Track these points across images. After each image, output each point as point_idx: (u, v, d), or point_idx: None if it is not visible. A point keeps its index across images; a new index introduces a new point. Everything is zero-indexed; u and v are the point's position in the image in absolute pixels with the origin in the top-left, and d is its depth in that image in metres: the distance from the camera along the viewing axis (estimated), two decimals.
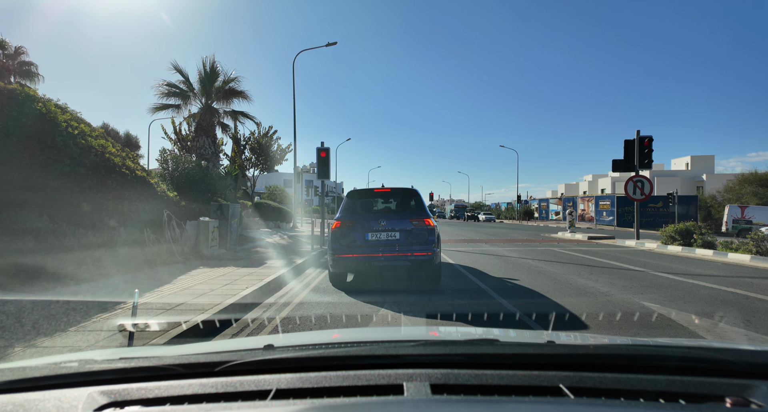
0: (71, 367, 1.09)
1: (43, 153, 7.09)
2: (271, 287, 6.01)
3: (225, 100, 17.89)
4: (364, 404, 0.90)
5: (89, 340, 3.32)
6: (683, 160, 48.75)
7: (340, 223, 6.07)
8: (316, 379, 1.01)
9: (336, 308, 4.79)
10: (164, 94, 17.23)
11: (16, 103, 7.16)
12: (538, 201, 55.07)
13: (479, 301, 5.13)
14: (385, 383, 0.99)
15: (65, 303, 4.39)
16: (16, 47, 26.98)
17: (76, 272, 5.90)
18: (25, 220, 6.38)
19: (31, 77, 26.85)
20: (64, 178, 7.19)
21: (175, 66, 17.13)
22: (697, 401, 0.93)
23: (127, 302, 4.54)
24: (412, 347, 1.18)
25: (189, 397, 0.97)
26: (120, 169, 8.45)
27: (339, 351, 1.16)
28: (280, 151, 22.57)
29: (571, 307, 4.75)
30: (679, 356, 1.16)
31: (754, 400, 0.91)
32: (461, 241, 15.97)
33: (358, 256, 5.87)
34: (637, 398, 0.94)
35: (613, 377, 1.00)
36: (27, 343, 3.20)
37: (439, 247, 6.11)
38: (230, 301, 4.72)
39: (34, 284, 5.19)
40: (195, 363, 1.11)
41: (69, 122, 7.80)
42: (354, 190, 6.84)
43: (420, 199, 6.49)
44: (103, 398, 0.96)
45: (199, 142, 16.87)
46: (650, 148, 10.58)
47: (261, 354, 1.13)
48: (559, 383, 0.98)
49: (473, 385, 0.98)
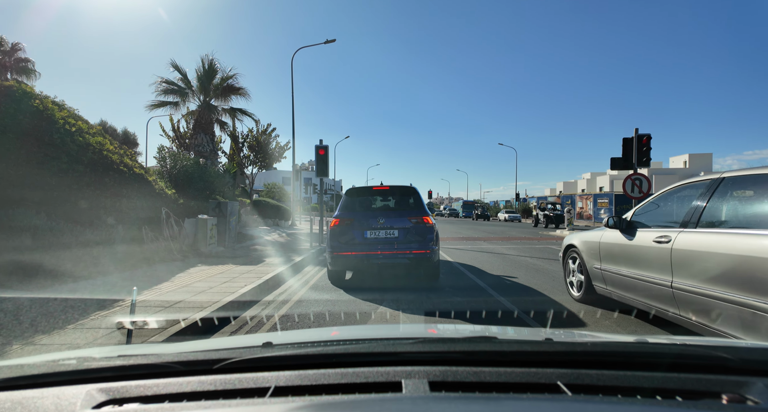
0: (69, 364, 1.09)
1: (40, 150, 7.07)
2: (270, 284, 6.01)
3: (223, 98, 17.84)
4: (363, 401, 0.91)
5: (87, 337, 3.32)
6: (681, 158, 48.86)
7: (339, 221, 6.07)
8: (315, 376, 1.01)
9: (335, 306, 4.79)
10: (162, 92, 17.18)
11: (13, 100, 7.13)
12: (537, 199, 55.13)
13: (477, 298, 5.14)
14: (384, 380, 0.99)
15: (63, 301, 4.38)
16: (13, 44, 26.84)
17: (74, 270, 5.89)
18: (23, 217, 6.36)
19: (28, 74, 26.73)
20: (62, 176, 7.17)
21: (173, 63, 17.08)
22: (693, 398, 0.94)
23: (125, 300, 4.54)
24: (410, 345, 1.18)
25: (188, 394, 0.97)
26: (118, 166, 8.43)
27: (337, 348, 1.16)
28: (279, 148, 22.55)
29: (569, 305, 4.77)
30: (675, 353, 1.16)
31: (750, 396, 0.92)
32: (460, 239, 15.99)
33: (356, 254, 5.87)
34: (635, 395, 0.95)
35: (610, 374, 1.01)
36: (25, 340, 3.19)
37: (437, 245, 6.12)
38: (229, 298, 4.72)
39: (31, 282, 5.18)
40: (193, 360, 1.12)
41: (66, 119, 7.77)
42: (353, 188, 6.84)
43: (419, 197, 6.50)
44: (102, 395, 0.96)
45: (197, 140, 16.82)
46: (648, 146, 10.58)
47: (259, 352, 1.13)
48: (557, 381, 0.98)
49: (471, 382, 0.98)
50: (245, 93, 18.10)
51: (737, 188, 3.18)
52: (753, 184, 3.04)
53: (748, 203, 3.07)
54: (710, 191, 3.31)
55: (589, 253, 4.79)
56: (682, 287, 3.22)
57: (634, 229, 4.05)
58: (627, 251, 4.06)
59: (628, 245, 4.03)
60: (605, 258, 4.45)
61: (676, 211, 3.75)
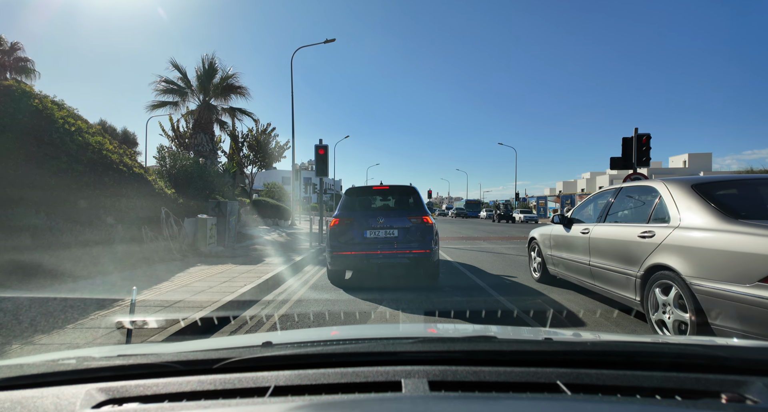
0: (69, 364, 1.09)
1: (39, 150, 7.06)
2: (270, 284, 6.01)
3: (223, 97, 17.82)
4: (363, 400, 0.91)
5: (87, 337, 3.32)
6: (681, 157, 48.89)
7: (339, 220, 6.07)
8: (315, 376, 1.01)
9: (334, 306, 4.79)
10: (162, 92, 17.16)
11: (12, 99, 7.12)
12: (537, 198, 55.16)
13: (477, 298, 5.14)
14: (384, 379, 0.99)
15: (63, 300, 4.38)
16: (12, 43, 26.81)
17: (74, 269, 5.89)
18: (22, 217, 6.35)
19: (27, 73, 26.71)
20: (61, 175, 7.16)
21: (173, 62, 17.07)
22: (693, 397, 0.94)
23: (125, 300, 4.54)
24: (410, 344, 1.18)
25: (187, 394, 0.97)
26: (117, 166, 8.42)
27: (337, 348, 1.16)
28: (279, 148, 22.55)
29: (569, 304, 4.77)
30: (675, 352, 1.17)
31: (749, 396, 0.92)
32: (459, 238, 16.00)
33: (356, 253, 5.87)
34: (634, 394, 0.95)
35: (610, 373, 1.01)
36: (24, 340, 3.19)
37: (437, 244, 6.12)
38: (228, 298, 4.72)
39: (31, 282, 5.18)
40: (193, 360, 1.12)
41: (66, 119, 7.76)
42: (352, 187, 6.84)
43: (418, 197, 6.49)
44: (101, 395, 0.96)
45: (196, 139, 16.81)
46: (648, 146, 10.58)
47: (259, 351, 1.13)
48: (557, 380, 0.98)
49: (471, 381, 0.98)
50: (245, 92, 18.09)
51: (627, 195, 4.44)
52: (635, 192, 4.33)
53: (629, 206, 4.35)
54: (614, 196, 4.61)
55: (543, 243, 6.06)
56: (594, 264, 4.48)
57: (571, 224, 5.29)
58: (566, 240, 5.31)
59: (566, 236, 5.28)
60: (553, 246, 5.70)
61: (596, 210, 5.02)
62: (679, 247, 3.23)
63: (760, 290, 2.60)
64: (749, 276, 2.68)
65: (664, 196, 3.71)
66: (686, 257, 3.14)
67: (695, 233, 3.16)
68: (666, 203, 3.64)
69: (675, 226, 3.39)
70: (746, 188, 3.71)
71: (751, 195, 3.63)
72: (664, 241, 3.40)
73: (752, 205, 3.48)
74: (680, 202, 3.49)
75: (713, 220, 3.11)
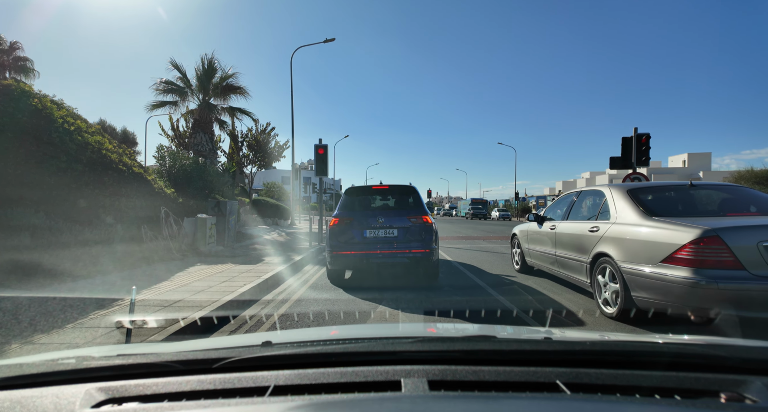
0: (68, 364, 1.09)
1: (39, 149, 7.06)
2: (269, 283, 6.01)
3: (223, 97, 17.80)
4: (362, 400, 0.91)
5: (86, 337, 3.32)
6: (680, 157, 48.86)
7: (338, 220, 6.06)
8: (314, 375, 1.01)
9: (334, 305, 4.79)
10: (162, 91, 17.14)
11: (11, 98, 7.11)
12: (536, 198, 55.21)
13: (477, 298, 5.15)
14: (383, 379, 0.99)
15: (62, 300, 4.37)
16: (11, 42, 26.79)
17: (73, 269, 5.88)
18: (22, 216, 6.35)
19: (27, 73, 26.68)
20: (61, 175, 7.16)
21: (173, 62, 17.05)
22: (692, 397, 0.94)
23: (124, 299, 4.54)
24: (410, 344, 1.19)
25: (187, 393, 0.97)
26: (117, 165, 8.42)
27: (337, 348, 1.16)
28: (278, 147, 22.56)
29: (569, 304, 4.78)
30: (674, 352, 1.17)
31: (748, 395, 0.92)
32: (459, 238, 16.00)
33: (356, 253, 5.87)
34: (633, 393, 0.95)
35: (609, 372, 1.01)
36: (24, 340, 3.19)
37: (437, 244, 6.12)
38: (228, 298, 4.72)
39: (30, 281, 5.18)
40: (193, 360, 1.12)
41: (65, 118, 7.76)
42: (352, 187, 6.83)
43: (418, 197, 6.49)
44: (101, 394, 0.96)
45: (196, 139, 16.80)
46: (648, 146, 10.58)
47: (259, 351, 1.13)
48: (556, 379, 0.98)
49: (470, 381, 0.98)
50: (244, 92, 18.07)
51: (585, 197, 5.30)
52: (590, 195, 5.19)
53: (586, 205, 5.18)
54: (576, 197, 5.50)
55: (522, 238, 6.96)
56: (559, 254, 5.35)
57: (543, 221, 6.11)
58: (539, 235, 6.19)
59: (539, 231, 6.15)
60: (529, 241, 6.57)
61: (563, 209, 5.74)
62: (614, 238, 4.13)
63: (661, 269, 3.47)
64: (655, 258, 3.55)
65: (608, 198, 4.58)
66: (618, 245, 4.04)
67: (624, 227, 4.07)
68: (609, 204, 4.52)
69: (613, 222, 4.27)
70: (666, 192, 4.61)
71: (668, 198, 4.52)
72: (605, 234, 4.29)
73: (666, 205, 4.29)
74: (618, 203, 4.37)
75: (637, 217, 4.02)
